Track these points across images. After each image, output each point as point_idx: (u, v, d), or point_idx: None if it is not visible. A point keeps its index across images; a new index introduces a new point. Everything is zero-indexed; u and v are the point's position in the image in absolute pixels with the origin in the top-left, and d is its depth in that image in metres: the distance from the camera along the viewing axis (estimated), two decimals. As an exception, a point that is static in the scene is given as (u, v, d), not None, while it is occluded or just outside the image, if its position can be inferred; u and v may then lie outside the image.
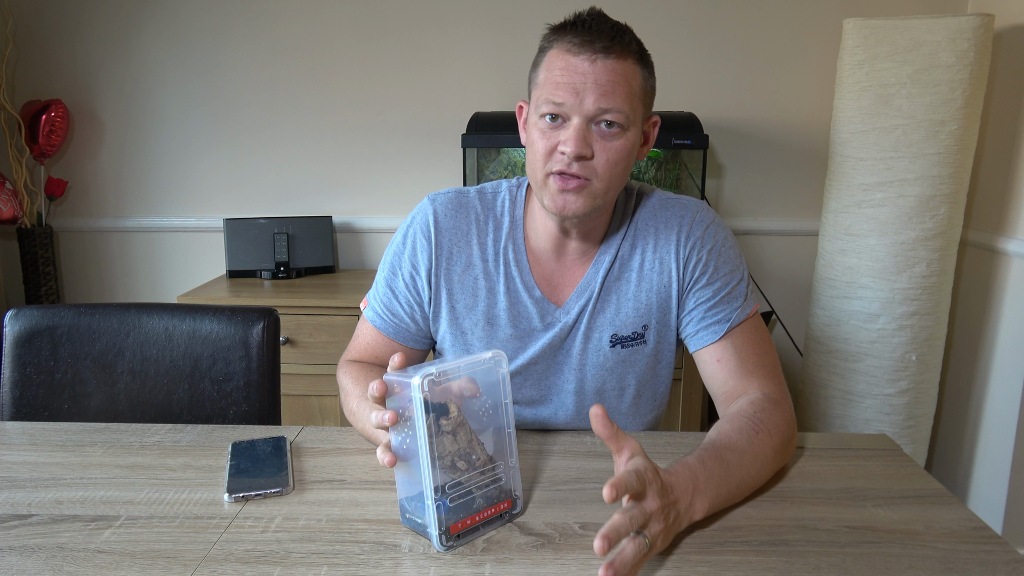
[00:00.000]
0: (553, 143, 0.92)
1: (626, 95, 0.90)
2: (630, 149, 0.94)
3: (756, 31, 2.26)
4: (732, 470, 0.80)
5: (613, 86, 0.89)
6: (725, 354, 0.99)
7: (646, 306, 1.03)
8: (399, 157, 2.40)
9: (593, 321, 1.03)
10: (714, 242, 1.02)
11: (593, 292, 1.03)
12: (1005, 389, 1.96)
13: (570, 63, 0.90)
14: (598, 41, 0.89)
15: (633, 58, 0.91)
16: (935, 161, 1.81)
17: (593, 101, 0.89)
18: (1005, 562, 0.71)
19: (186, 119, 2.41)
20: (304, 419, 2.08)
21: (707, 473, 0.78)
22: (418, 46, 2.32)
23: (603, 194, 0.94)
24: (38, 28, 2.37)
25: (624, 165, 0.94)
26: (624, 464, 0.71)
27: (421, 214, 1.05)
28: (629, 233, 1.04)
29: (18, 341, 1.22)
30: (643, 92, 0.94)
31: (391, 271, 1.07)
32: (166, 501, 0.83)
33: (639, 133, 0.96)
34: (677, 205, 1.04)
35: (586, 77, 0.89)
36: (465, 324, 1.05)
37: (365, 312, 1.10)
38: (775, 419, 0.89)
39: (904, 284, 1.88)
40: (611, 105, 0.89)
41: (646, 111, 0.96)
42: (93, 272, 2.53)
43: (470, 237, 1.04)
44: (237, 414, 1.23)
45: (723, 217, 2.36)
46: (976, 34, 1.75)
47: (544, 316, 1.04)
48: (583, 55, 0.89)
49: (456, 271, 1.04)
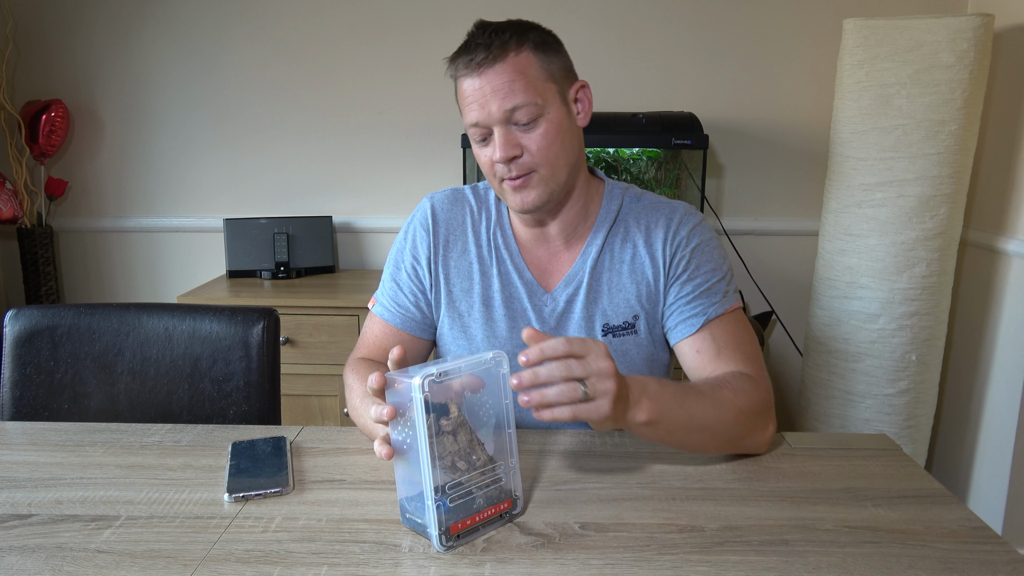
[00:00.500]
0: (491, 157, 0.99)
1: (525, 86, 0.95)
2: (557, 127, 0.98)
3: (756, 31, 2.26)
4: (688, 400, 0.86)
5: (509, 84, 0.95)
6: (704, 344, 1.02)
7: (636, 297, 1.07)
8: (399, 157, 2.40)
9: (585, 310, 1.07)
10: (699, 241, 1.06)
11: (582, 281, 1.07)
12: (1005, 389, 1.96)
13: (469, 85, 0.97)
14: (478, 55, 0.96)
15: (516, 51, 0.96)
16: (935, 161, 1.81)
17: (498, 107, 0.95)
18: (1005, 562, 0.71)
19: (186, 119, 2.41)
20: (304, 419, 2.08)
21: (661, 388, 0.84)
22: (418, 46, 2.32)
23: (552, 177, 0.99)
24: (38, 28, 2.37)
25: (559, 143, 0.98)
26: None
27: (420, 211, 1.13)
28: (619, 226, 1.09)
29: (18, 341, 1.22)
30: (546, 73, 0.98)
31: (395, 266, 1.14)
32: (166, 501, 0.83)
33: (562, 109, 0.99)
34: (668, 207, 1.09)
35: (483, 90, 0.96)
36: (462, 307, 1.10)
37: (373, 308, 1.15)
38: (745, 386, 0.93)
39: (904, 284, 1.88)
40: (515, 102, 0.95)
41: (562, 85, 1.00)
42: (93, 272, 2.53)
43: (465, 227, 1.11)
44: (237, 414, 1.23)
45: (723, 217, 2.36)
46: (976, 34, 1.75)
47: (533, 298, 1.08)
48: (473, 73, 0.96)
49: (453, 257, 1.10)
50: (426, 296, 1.11)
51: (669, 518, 0.79)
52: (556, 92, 0.99)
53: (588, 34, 2.29)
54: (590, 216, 1.08)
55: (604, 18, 2.28)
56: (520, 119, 0.96)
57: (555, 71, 0.99)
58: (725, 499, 0.83)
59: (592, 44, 2.30)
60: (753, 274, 2.39)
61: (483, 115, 0.96)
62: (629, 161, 2.16)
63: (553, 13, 2.29)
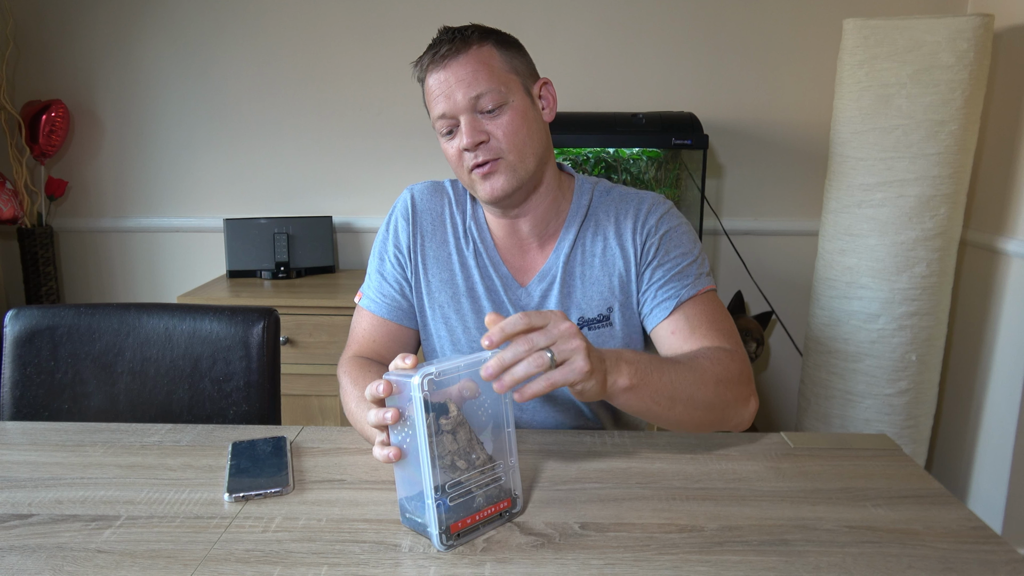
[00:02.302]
0: (458, 147, 1.01)
1: (488, 75, 0.98)
2: (523, 116, 1.00)
3: (756, 31, 2.26)
4: (666, 367, 0.87)
5: (473, 74, 0.98)
6: (677, 325, 1.03)
7: (609, 289, 1.08)
8: (399, 157, 2.40)
9: (560, 304, 1.08)
10: (667, 228, 1.08)
11: (555, 276, 1.08)
12: (1005, 389, 1.96)
13: (434, 79, 1.00)
14: (442, 48, 0.99)
15: (479, 44, 0.99)
16: (935, 161, 1.81)
17: (463, 94, 0.98)
18: (1005, 562, 0.71)
19: (186, 119, 2.41)
20: (304, 419, 2.08)
21: (637, 355, 0.85)
22: (418, 46, 2.30)
23: (520, 163, 1.01)
24: (38, 28, 2.37)
25: (525, 131, 1.00)
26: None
27: (400, 201, 1.14)
28: (590, 221, 1.10)
29: (18, 341, 1.23)
30: (508, 66, 1.01)
31: (379, 259, 1.15)
32: (166, 501, 0.83)
33: (526, 99, 1.02)
34: (636, 197, 1.10)
35: (448, 81, 0.98)
36: (441, 297, 1.11)
37: (360, 302, 1.15)
38: (720, 356, 0.95)
39: (904, 284, 1.88)
40: (479, 90, 0.97)
41: (526, 80, 1.03)
42: (93, 272, 2.53)
43: (444, 218, 1.13)
44: (237, 414, 1.23)
45: (723, 217, 2.36)
46: (976, 34, 1.75)
47: (509, 292, 1.09)
48: (438, 66, 1.00)
49: (432, 247, 1.12)
50: (410, 284, 1.12)
51: (669, 518, 0.79)
52: (519, 84, 1.01)
53: (588, 34, 2.29)
54: (561, 213, 1.10)
55: (604, 18, 2.28)
56: (485, 106, 0.98)
57: (517, 66, 1.02)
58: (725, 499, 0.83)
59: (592, 44, 2.30)
60: (753, 274, 2.39)
61: (449, 105, 0.98)
62: (629, 161, 2.16)
63: (553, 13, 2.29)
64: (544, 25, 2.30)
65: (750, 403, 0.96)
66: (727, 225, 2.35)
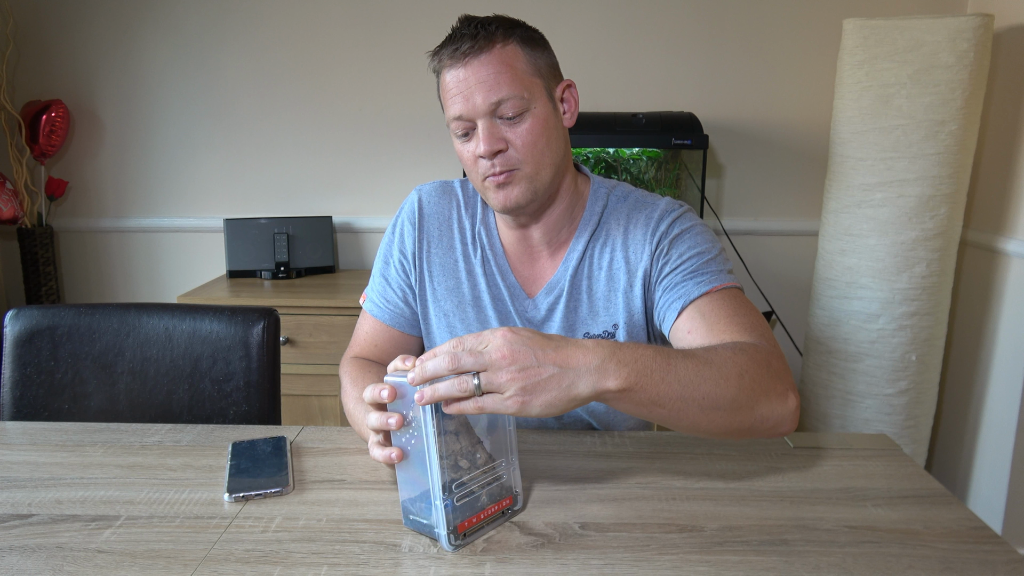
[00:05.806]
0: (473, 152, 0.96)
1: (511, 79, 0.92)
2: (543, 124, 0.95)
3: (756, 31, 2.26)
4: (674, 360, 0.75)
5: (495, 76, 0.92)
6: (694, 323, 0.93)
7: (613, 305, 1.04)
8: (399, 157, 2.40)
9: (565, 319, 1.04)
10: (680, 230, 1.01)
11: (563, 289, 1.04)
12: (1005, 389, 1.96)
13: (452, 77, 0.94)
14: (463, 45, 0.92)
15: (503, 43, 0.93)
16: (935, 161, 1.81)
17: (483, 98, 0.92)
18: (1005, 562, 0.71)
19: (186, 119, 2.41)
20: (304, 419, 2.08)
21: (637, 350, 0.74)
22: (418, 46, 2.32)
23: (536, 175, 0.96)
24: (38, 28, 2.37)
25: (544, 141, 0.95)
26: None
27: (408, 203, 1.11)
28: (601, 231, 1.05)
29: (18, 341, 1.22)
30: (532, 68, 0.95)
31: (384, 261, 1.12)
32: (166, 501, 0.83)
33: (548, 105, 0.97)
34: (649, 205, 1.04)
35: (468, 81, 0.92)
36: (447, 305, 1.08)
37: (364, 305, 1.14)
38: (744, 346, 0.83)
39: (904, 284, 1.88)
40: (501, 95, 0.92)
41: (548, 82, 0.98)
42: (93, 272, 2.53)
43: (452, 222, 1.09)
44: (237, 414, 1.23)
45: (723, 217, 2.36)
46: (976, 34, 1.75)
47: (516, 302, 1.06)
48: (458, 64, 0.93)
49: (438, 253, 1.08)
50: (414, 292, 1.10)
51: (669, 518, 0.79)
52: (543, 88, 0.96)
53: (588, 34, 2.29)
54: (574, 219, 1.05)
55: (604, 18, 2.28)
56: (505, 112, 0.93)
57: (542, 67, 0.97)
58: (725, 499, 0.83)
59: (592, 44, 2.30)
60: (753, 274, 2.39)
61: (467, 107, 0.93)
62: (629, 161, 2.16)
63: (553, 13, 2.29)
64: (544, 25, 2.28)
65: (788, 399, 0.81)
66: (727, 225, 2.35)
